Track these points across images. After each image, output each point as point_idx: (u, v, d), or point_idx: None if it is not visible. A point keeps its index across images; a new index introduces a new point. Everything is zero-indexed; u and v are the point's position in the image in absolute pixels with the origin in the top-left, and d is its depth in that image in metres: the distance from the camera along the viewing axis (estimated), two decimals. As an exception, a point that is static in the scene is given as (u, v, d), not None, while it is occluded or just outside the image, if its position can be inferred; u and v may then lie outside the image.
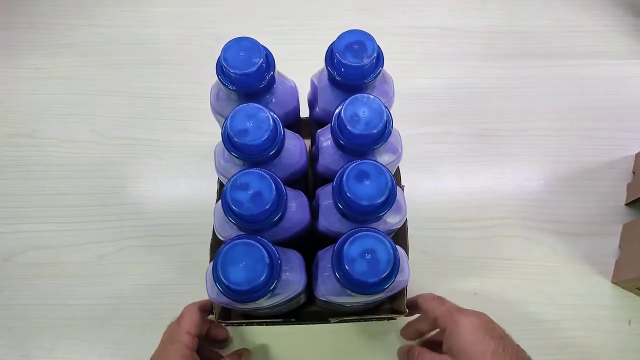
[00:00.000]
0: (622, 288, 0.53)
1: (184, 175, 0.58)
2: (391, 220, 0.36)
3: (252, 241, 0.31)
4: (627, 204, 0.56)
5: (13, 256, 0.54)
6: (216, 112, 0.40)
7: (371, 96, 0.34)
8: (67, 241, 0.55)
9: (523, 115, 0.61)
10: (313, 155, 0.40)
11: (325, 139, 0.38)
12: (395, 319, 0.47)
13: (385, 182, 0.32)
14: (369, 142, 0.34)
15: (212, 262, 0.33)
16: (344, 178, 0.33)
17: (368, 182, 0.32)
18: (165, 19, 0.67)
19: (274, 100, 0.38)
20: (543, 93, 0.62)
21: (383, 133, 0.35)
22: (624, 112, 0.61)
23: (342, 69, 0.36)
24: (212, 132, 0.63)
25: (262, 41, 0.36)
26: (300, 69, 0.42)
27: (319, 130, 0.39)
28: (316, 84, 0.40)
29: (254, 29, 0.65)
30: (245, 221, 0.33)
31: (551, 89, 0.62)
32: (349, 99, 0.34)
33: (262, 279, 0.30)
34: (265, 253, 0.31)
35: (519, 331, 0.52)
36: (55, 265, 0.54)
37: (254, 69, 0.35)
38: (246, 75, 0.35)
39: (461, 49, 0.65)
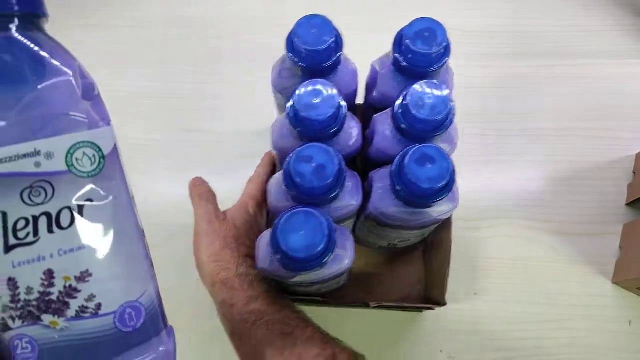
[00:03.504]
0: (623, 288, 0.53)
1: (183, 174, 0.58)
2: (444, 207, 0.37)
3: (312, 210, 0.32)
4: (627, 204, 0.56)
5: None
6: (277, 90, 0.41)
7: (438, 83, 0.35)
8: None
9: (523, 115, 0.61)
10: (366, 140, 0.41)
11: (384, 123, 0.38)
12: (433, 309, 0.47)
13: (447, 167, 0.33)
14: (431, 128, 0.35)
15: (264, 233, 0.35)
16: (405, 160, 0.33)
17: (430, 166, 0.33)
18: (164, 19, 0.67)
19: (336, 81, 0.39)
20: (543, 93, 0.62)
21: (445, 120, 0.35)
22: (624, 112, 0.60)
23: (410, 55, 0.36)
24: (212, 132, 0.63)
25: (265, 40, 0.36)
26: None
27: (376, 115, 0.39)
28: (377, 69, 0.40)
29: (254, 28, 0.65)
30: (305, 194, 0.33)
31: (551, 89, 0.62)
32: (416, 84, 0.35)
33: (320, 247, 0.31)
34: (325, 223, 0.32)
35: (519, 331, 0.52)
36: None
37: (324, 46, 0.36)
38: (316, 52, 0.36)
39: (461, 49, 0.65)
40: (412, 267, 0.52)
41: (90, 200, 0.22)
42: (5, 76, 0.21)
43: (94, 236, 0.22)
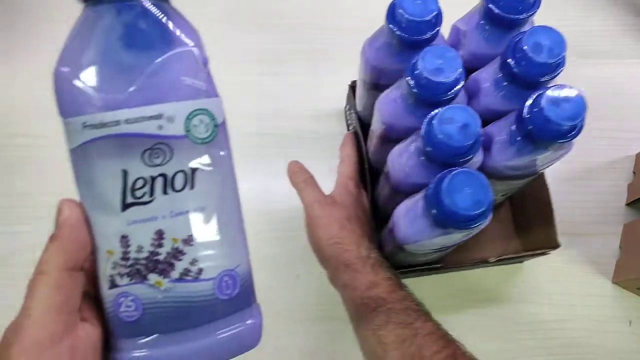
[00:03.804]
0: (623, 288, 0.53)
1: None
2: (565, 149, 0.37)
3: (472, 170, 0.33)
4: (627, 204, 0.56)
5: (11, 257, 0.54)
6: (369, 63, 0.41)
7: (551, 27, 0.35)
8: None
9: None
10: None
11: (487, 78, 0.38)
12: (549, 253, 0.47)
13: (582, 105, 0.34)
14: (549, 70, 0.35)
15: (406, 202, 0.37)
16: (542, 101, 0.33)
17: (567, 105, 0.33)
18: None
19: None
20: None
21: (562, 63, 0.36)
22: (625, 112, 0.60)
23: (501, 2, 0.37)
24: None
25: (264, 37, 0.36)
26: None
27: (474, 73, 0.40)
28: (462, 28, 0.41)
29: (255, 26, 0.65)
30: (451, 154, 0.34)
31: (552, 88, 0.62)
32: (531, 29, 0.35)
33: (487, 203, 0.33)
34: (486, 181, 0.33)
35: (519, 331, 0.52)
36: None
37: (427, 17, 0.36)
38: (418, 23, 0.36)
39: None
40: (501, 224, 0.54)
41: (202, 166, 0.23)
42: (139, 41, 0.22)
43: (202, 202, 0.23)
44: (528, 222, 0.52)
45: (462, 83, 0.36)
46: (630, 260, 0.52)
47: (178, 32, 0.23)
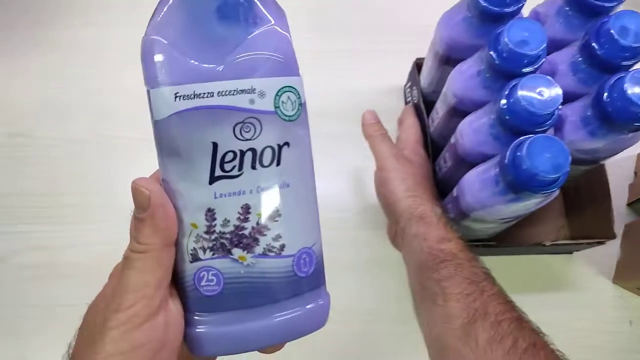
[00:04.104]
0: (624, 288, 0.53)
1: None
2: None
3: (551, 136, 0.34)
4: (628, 204, 0.56)
5: (11, 257, 0.54)
6: (446, 37, 0.43)
7: (637, 12, 0.35)
8: (66, 242, 0.54)
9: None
10: None
11: (564, 60, 0.39)
12: (604, 243, 0.48)
13: None
14: (634, 54, 0.35)
15: (477, 169, 0.38)
16: (625, 82, 0.33)
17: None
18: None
19: None
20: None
21: None
22: None
23: None
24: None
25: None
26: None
27: (549, 56, 0.40)
28: (542, 12, 0.42)
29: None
30: (533, 122, 0.35)
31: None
32: (618, 13, 0.35)
33: (566, 167, 0.33)
34: (564, 144, 0.33)
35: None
36: (53, 266, 0.53)
37: None
38: None
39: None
40: (552, 211, 0.55)
41: (287, 144, 0.23)
42: (234, 15, 0.22)
43: (286, 178, 0.23)
44: (581, 211, 0.52)
45: (543, 59, 0.37)
46: (631, 260, 0.52)
47: (269, 10, 0.23)
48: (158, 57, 0.22)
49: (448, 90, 0.43)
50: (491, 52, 0.37)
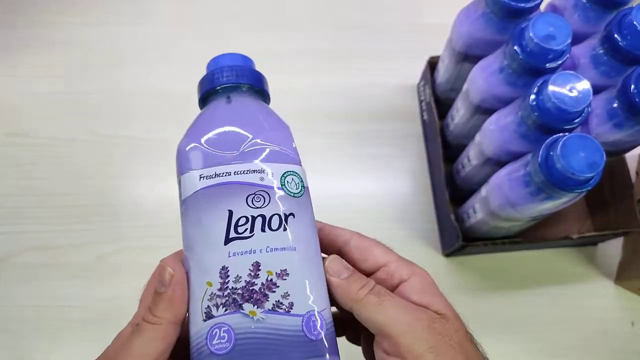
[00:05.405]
0: (625, 289, 0.52)
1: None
2: None
3: (585, 135, 0.34)
4: (629, 205, 0.56)
5: (10, 257, 0.54)
6: (464, 34, 0.43)
7: None
8: (65, 242, 0.54)
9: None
10: None
11: (585, 53, 0.39)
12: (628, 233, 0.49)
13: None
14: None
15: (506, 169, 0.38)
16: None
17: None
18: (164, 17, 0.67)
19: None
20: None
21: None
22: None
23: None
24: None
25: (264, 36, 0.35)
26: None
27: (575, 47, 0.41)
28: (559, 6, 0.42)
29: (255, 25, 0.65)
30: (563, 119, 0.35)
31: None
32: (638, 5, 0.36)
33: (601, 166, 0.33)
34: (597, 143, 0.33)
35: (520, 332, 0.51)
36: (52, 266, 0.53)
37: None
38: None
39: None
40: (575, 204, 0.55)
41: (292, 214, 0.26)
42: (247, 124, 0.28)
43: (293, 242, 0.26)
44: (603, 203, 0.52)
45: (568, 54, 0.36)
46: (633, 261, 0.51)
47: (278, 118, 0.29)
48: (190, 153, 0.28)
49: (470, 87, 0.43)
50: (515, 47, 0.36)
